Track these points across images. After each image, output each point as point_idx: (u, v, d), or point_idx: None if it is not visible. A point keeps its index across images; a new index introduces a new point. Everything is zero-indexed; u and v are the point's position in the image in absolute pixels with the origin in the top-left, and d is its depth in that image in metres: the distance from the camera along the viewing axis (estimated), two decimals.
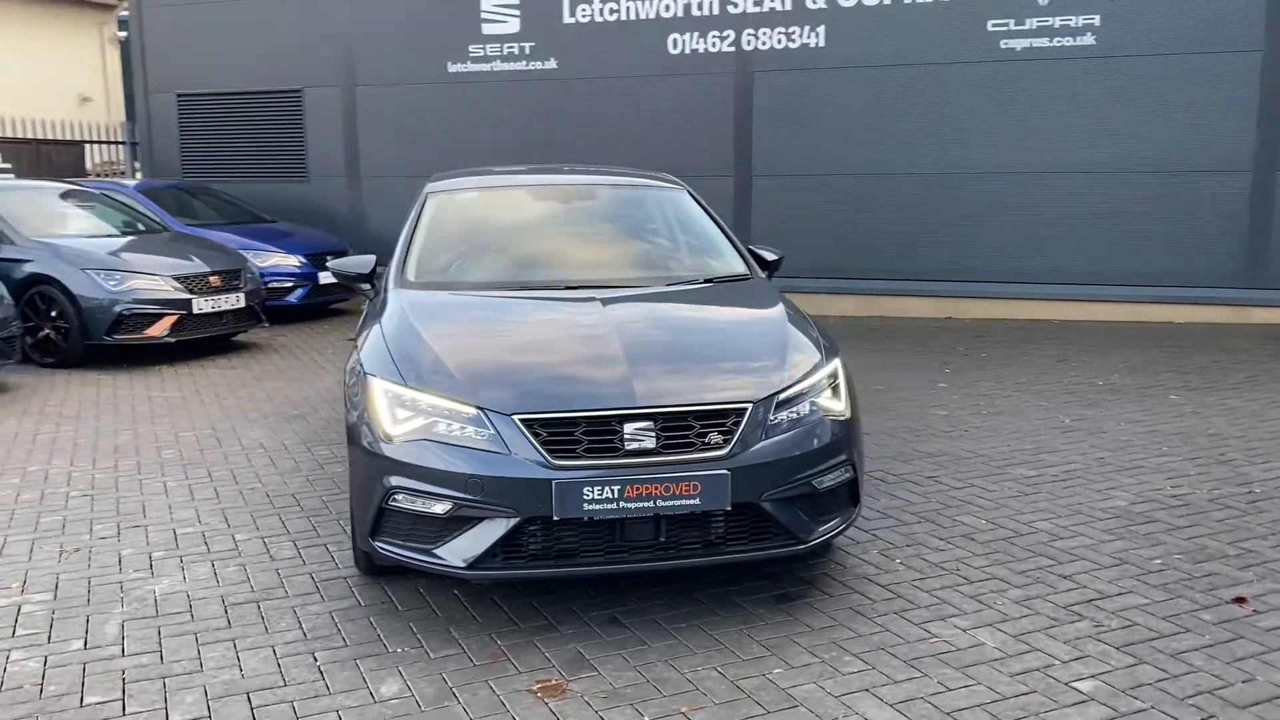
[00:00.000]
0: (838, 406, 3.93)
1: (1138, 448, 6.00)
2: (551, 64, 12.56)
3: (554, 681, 3.30)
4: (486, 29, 12.75)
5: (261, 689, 3.26)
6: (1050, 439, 6.25)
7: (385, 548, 3.66)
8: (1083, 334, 10.13)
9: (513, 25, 12.65)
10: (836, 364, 4.07)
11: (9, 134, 14.44)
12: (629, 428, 3.53)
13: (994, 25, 10.90)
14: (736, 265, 4.92)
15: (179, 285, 8.93)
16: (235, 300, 9.25)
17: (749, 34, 11.78)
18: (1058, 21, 10.70)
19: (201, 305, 8.96)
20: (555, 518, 3.45)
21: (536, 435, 3.50)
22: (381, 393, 3.75)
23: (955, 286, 11.43)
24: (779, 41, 11.69)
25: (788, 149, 11.78)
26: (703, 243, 5.12)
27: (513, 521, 3.47)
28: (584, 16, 12.34)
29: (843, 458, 3.85)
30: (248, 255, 10.34)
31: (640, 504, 3.47)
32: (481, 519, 3.50)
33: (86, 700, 3.20)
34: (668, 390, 3.66)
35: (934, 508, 5.00)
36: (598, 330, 4.02)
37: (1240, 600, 3.88)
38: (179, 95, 14.37)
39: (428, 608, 3.85)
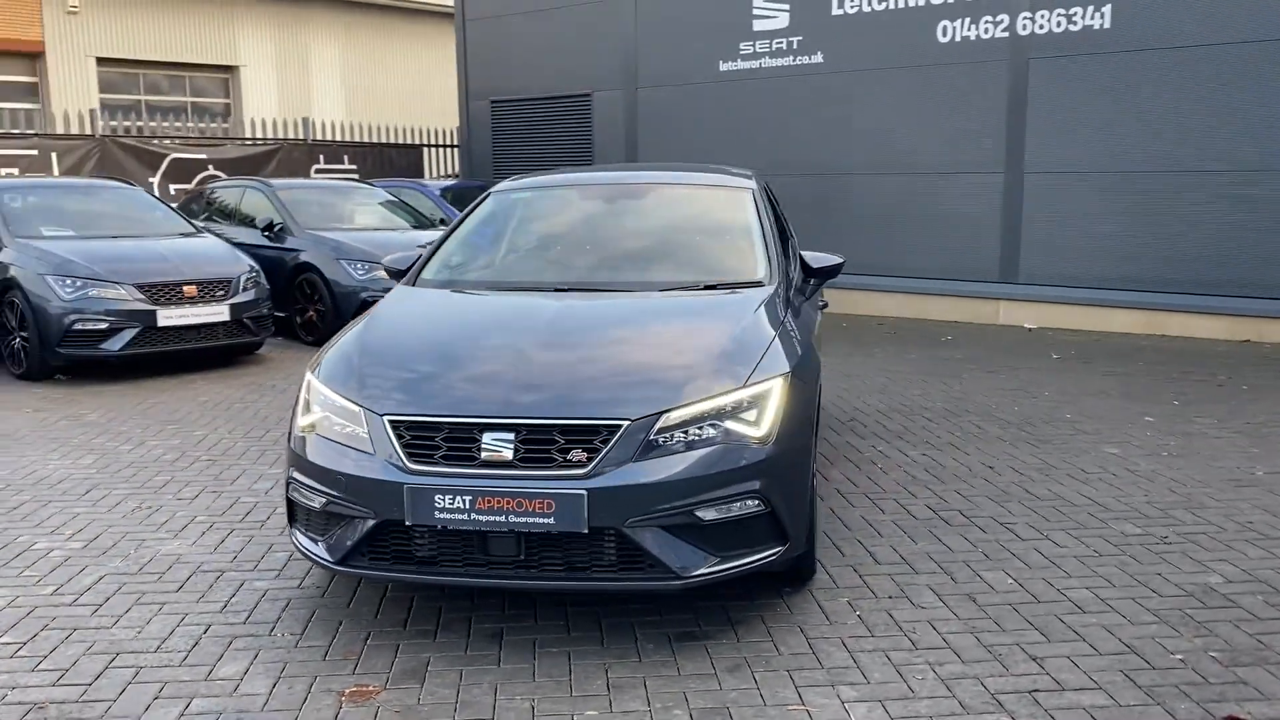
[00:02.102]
0: (753, 432, 3.52)
1: None
2: (818, 58, 12.18)
3: (369, 688, 3.26)
4: (757, 25, 12.61)
5: (132, 650, 3.51)
6: (1212, 492, 5.17)
7: (295, 537, 3.79)
8: None
9: (782, 20, 12.41)
10: (772, 386, 3.64)
11: (357, 138, 16.35)
12: (487, 437, 3.40)
13: None
14: (755, 272, 4.53)
15: None
16: None
17: (1024, 17, 10.71)
18: None
19: None
20: (408, 522, 3.40)
21: (400, 437, 3.47)
22: (304, 387, 3.88)
23: (1261, 304, 9.70)
24: (1058, 24, 10.52)
25: (1066, 142, 10.57)
26: (733, 247, 4.77)
27: (371, 523, 3.47)
28: (852, 8, 11.83)
29: (747, 488, 3.44)
30: None
31: (492, 517, 3.33)
32: (351, 517, 3.52)
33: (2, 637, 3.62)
34: (539, 402, 3.47)
35: (948, 557, 4.33)
36: (523, 334, 3.88)
37: None
38: (493, 101, 15.55)
39: (364, 601, 3.92)
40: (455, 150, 17.21)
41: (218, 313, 8.49)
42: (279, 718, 3.09)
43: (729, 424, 3.50)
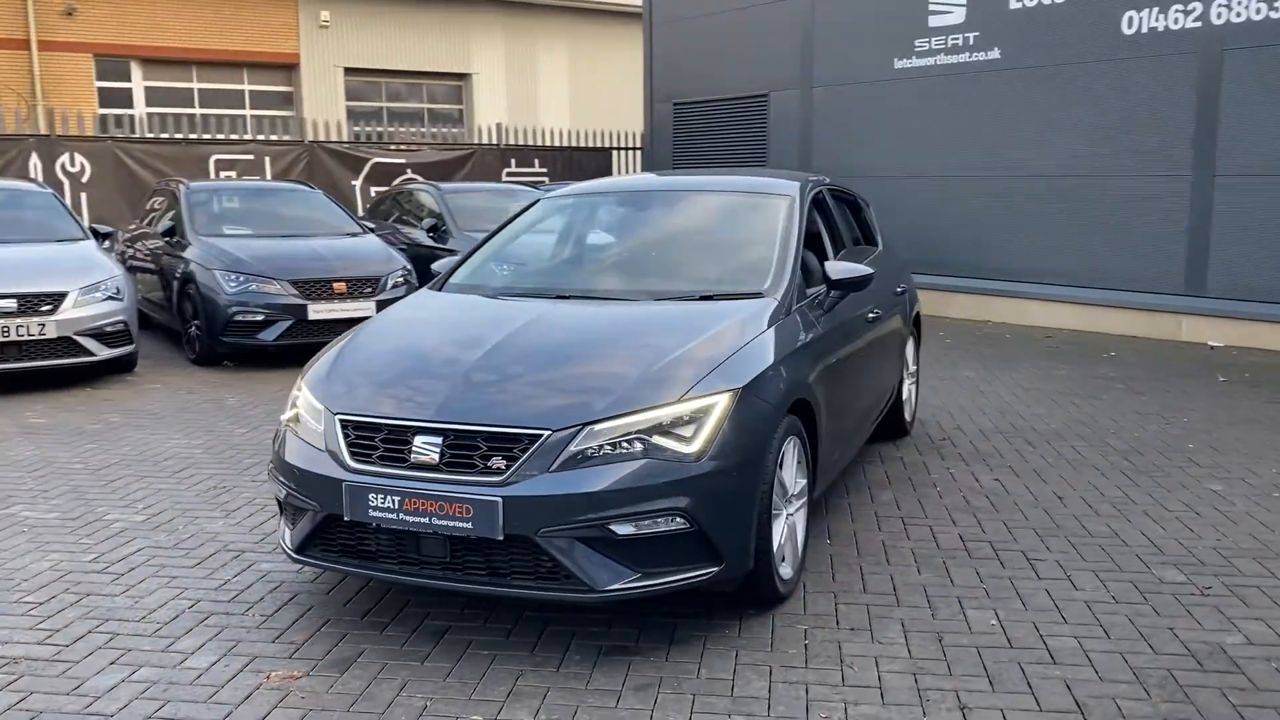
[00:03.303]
0: (684, 448, 3.45)
1: None
2: (994, 54, 11.55)
3: (293, 674, 3.44)
4: (933, 20, 12.11)
5: (120, 619, 3.84)
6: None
7: (282, 523, 4.04)
8: None
9: (958, 15, 11.86)
10: (715, 402, 3.55)
11: (548, 143, 16.91)
12: (418, 440, 3.51)
13: None
14: (759, 284, 4.39)
15: None
16: None
17: (1219, 5, 9.75)
18: None
19: None
20: (346, 518, 3.56)
21: (346, 436, 3.64)
22: (296, 385, 4.13)
23: None
24: (1257, 11, 9.51)
25: (1265, 142, 9.55)
26: (746, 257, 4.64)
27: (319, 516, 3.65)
28: (1031, 0, 11.15)
29: (670, 505, 3.38)
30: None
31: (418, 519, 3.44)
32: (305, 509, 3.72)
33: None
34: (470, 408, 3.54)
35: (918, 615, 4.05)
36: (485, 341, 3.94)
37: None
38: (675, 104, 15.69)
39: (343, 590, 4.12)
40: (640, 153, 17.45)
41: (365, 308, 9.02)
42: (199, 692, 3.31)
43: (658, 439, 3.45)
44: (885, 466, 5.82)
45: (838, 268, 4.58)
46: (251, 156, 14.04)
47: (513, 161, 16.14)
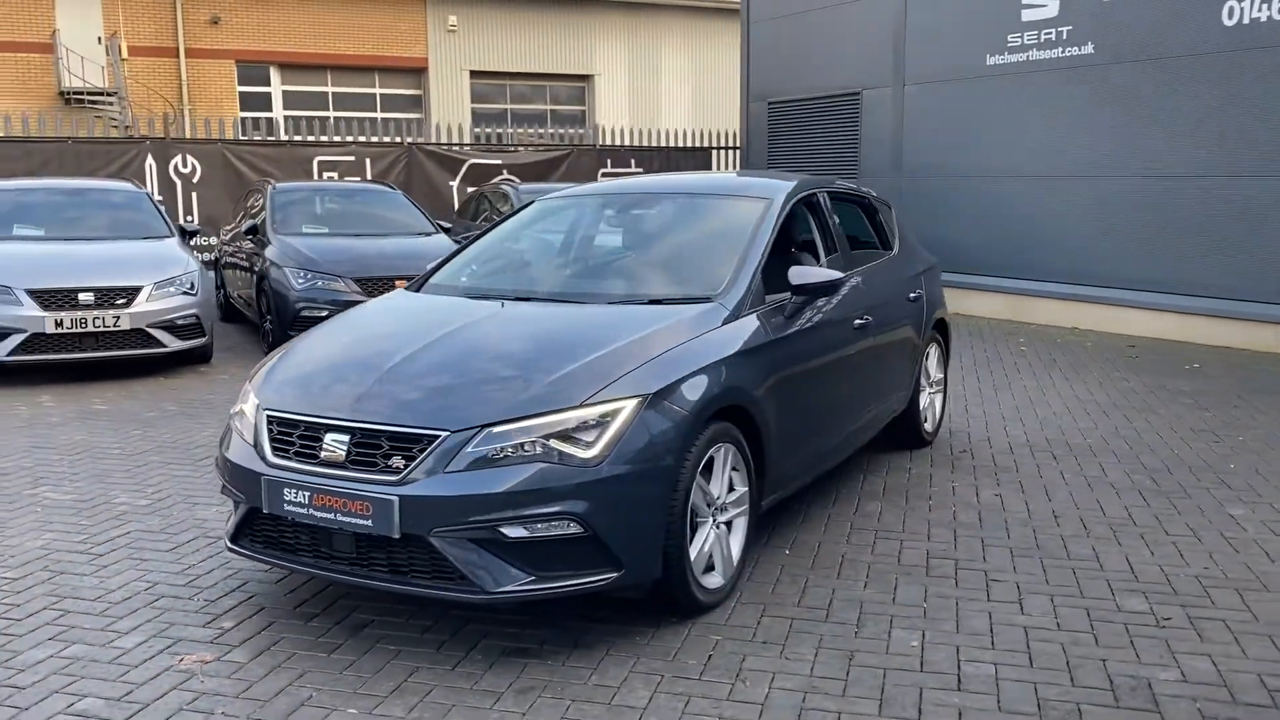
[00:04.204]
0: (583, 453, 3.44)
1: None
2: (1088, 49, 11.03)
3: (204, 658, 3.57)
4: (1026, 15, 11.64)
5: (79, 598, 4.07)
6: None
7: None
8: None
9: (1052, 9, 11.37)
10: (621, 407, 3.52)
11: (640, 143, 16.98)
12: (328, 437, 3.60)
13: None
14: (712, 288, 4.32)
15: None
16: None
17: None
18: None
19: None
20: (265, 511, 3.68)
21: (270, 431, 3.76)
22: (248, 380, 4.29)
23: None
24: None
25: None
26: (710, 261, 4.56)
27: (244, 509, 3.79)
28: None
29: (563, 509, 3.38)
30: None
31: (325, 514, 3.53)
32: (236, 501, 3.87)
33: None
34: (379, 407, 3.61)
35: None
36: (416, 341, 4.00)
37: None
38: (769, 103, 15.53)
39: (294, 580, 4.26)
40: (737, 152, 17.33)
41: None
42: (112, 670, 3.48)
43: (556, 443, 3.44)
44: (888, 477, 5.64)
45: (800, 273, 4.46)
46: (353, 158, 14.56)
47: (608, 162, 16.26)
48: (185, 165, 13.60)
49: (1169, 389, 7.94)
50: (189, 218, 13.58)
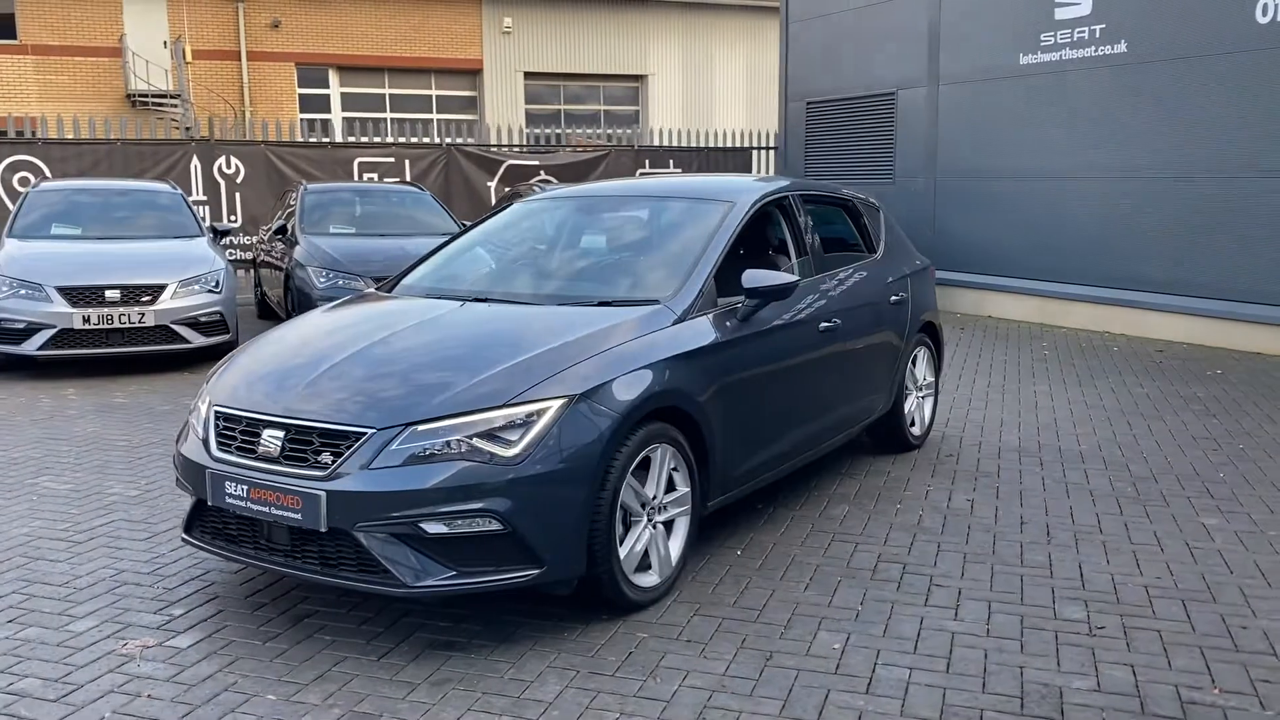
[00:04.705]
0: (504, 451, 3.51)
1: None
2: (1121, 47, 10.82)
3: (146, 643, 3.72)
4: (1059, 13, 11.45)
5: (49, 583, 4.25)
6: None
7: None
8: None
9: (1084, 7, 11.17)
10: (546, 407, 3.59)
11: (682, 144, 17.00)
12: (266, 433, 3.72)
13: None
14: (660, 290, 4.37)
15: None
16: None
17: None
18: None
19: None
20: (210, 503, 3.82)
21: (217, 426, 3.90)
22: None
23: None
24: None
25: None
26: (664, 263, 4.61)
27: (192, 501, 3.94)
28: None
29: (482, 506, 3.46)
30: None
31: (261, 507, 3.66)
32: (188, 494, 4.02)
33: None
34: (314, 405, 3.72)
35: None
36: (361, 340, 4.10)
37: None
38: (807, 103, 15.47)
39: (253, 574, 4.39)
40: (774, 153, 17.27)
41: None
42: (57, 652, 3.64)
43: (479, 441, 3.53)
44: (865, 480, 5.63)
45: (753, 276, 4.48)
46: (392, 159, 14.82)
47: (647, 162, 16.32)
48: (229, 166, 13.97)
49: (1183, 395, 7.78)
50: (232, 217, 13.96)
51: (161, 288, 8.72)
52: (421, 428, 3.54)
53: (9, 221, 9.65)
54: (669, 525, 4.08)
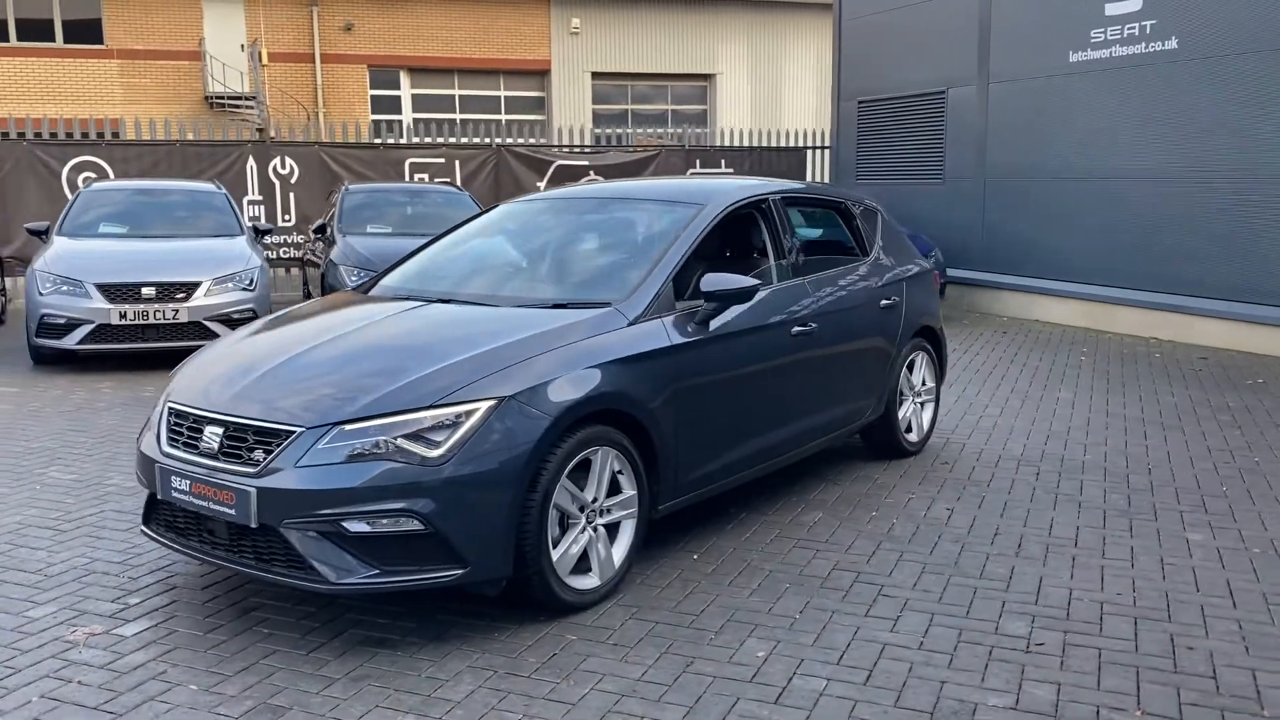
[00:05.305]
0: (429, 452, 3.55)
1: None
2: (1171, 44, 10.46)
3: (94, 630, 3.85)
4: (1110, 9, 11.13)
5: (24, 571, 4.42)
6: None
7: None
8: None
9: (1135, 3, 10.84)
10: (474, 408, 3.63)
11: (734, 143, 16.92)
12: (206, 430, 3.82)
13: None
14: (616, 293, 4.36)
15: None
16: None
17: None
18: None
19: None
20: (159, 497, 3.94)
21: (169, 422, 4.01)
22: None
23: None
24: None
25: None
26: (623, 265, 4.60)
27: (146, 494, 4.06)
28: None
29: (404, 506, 3.50)
30: None
31: (201, 502, 3.76)
32: (144, 487, 4.14)
33: None
34: (251, 403, 3.80)
35: None
36: (310, 341, 4.17)
37: None
38: (859, 102, 15.27)
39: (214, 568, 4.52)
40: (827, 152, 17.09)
41: None
42: (7, 637, 3.78)
43: (404, 441, 3.57)
44: (849, 486, 5.55)
45: (712, 280, 4.44)
46: (443, 160, 15.03)
47: (697, 162, 16.28)
48: (284, 167, 14.32)
49: (1213, 405, 7.50)
50: (286, 217, 14.31)
51: (196, 285, 8.98)
52: (349, 427, 3.60)
53: (59, 220, 10.03)
54: (613, 528, 4.08)
